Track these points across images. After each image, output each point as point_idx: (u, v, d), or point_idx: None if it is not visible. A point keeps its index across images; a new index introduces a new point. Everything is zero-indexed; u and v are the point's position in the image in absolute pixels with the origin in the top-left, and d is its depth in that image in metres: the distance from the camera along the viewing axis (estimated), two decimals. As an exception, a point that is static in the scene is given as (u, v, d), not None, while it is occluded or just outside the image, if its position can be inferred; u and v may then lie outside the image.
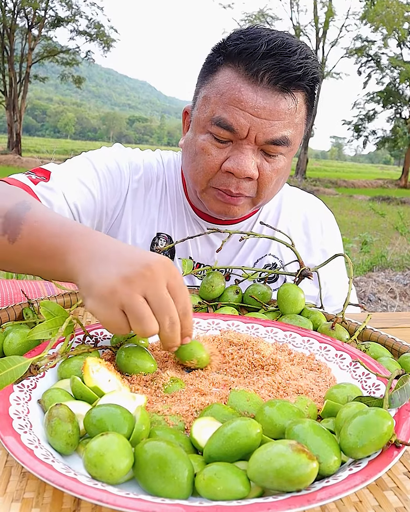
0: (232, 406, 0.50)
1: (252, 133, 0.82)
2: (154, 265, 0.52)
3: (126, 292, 0.50)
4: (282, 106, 0.82)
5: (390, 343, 0.72)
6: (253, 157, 0.84)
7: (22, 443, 0.42)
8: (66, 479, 0.38)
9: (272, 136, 0.83)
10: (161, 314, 0.52)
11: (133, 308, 0.50)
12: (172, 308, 0.53)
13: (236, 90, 0.82)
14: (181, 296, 0.54)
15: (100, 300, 0.51)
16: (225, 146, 0.85)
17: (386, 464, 0.41)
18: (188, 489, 0.39)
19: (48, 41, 23.21)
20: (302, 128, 0.89)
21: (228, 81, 0.83)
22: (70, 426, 0.44)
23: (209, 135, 0.86)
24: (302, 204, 1.11)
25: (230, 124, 0.82)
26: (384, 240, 6.93)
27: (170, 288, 0.53)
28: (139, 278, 0.51)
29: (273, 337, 0.70)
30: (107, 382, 0.53)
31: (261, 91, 0.81)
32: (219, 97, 0.83)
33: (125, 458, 0.39)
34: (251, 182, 0.87)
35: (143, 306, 0.51)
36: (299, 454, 0.37)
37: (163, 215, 1.03)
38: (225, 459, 0.41)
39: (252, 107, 0.81)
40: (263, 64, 0.79)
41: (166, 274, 0.53)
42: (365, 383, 0.57)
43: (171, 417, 0.49)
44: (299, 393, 0.55)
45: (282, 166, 0.88)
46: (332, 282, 1.06)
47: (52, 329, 0.56)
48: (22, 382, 0.52)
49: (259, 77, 0.80)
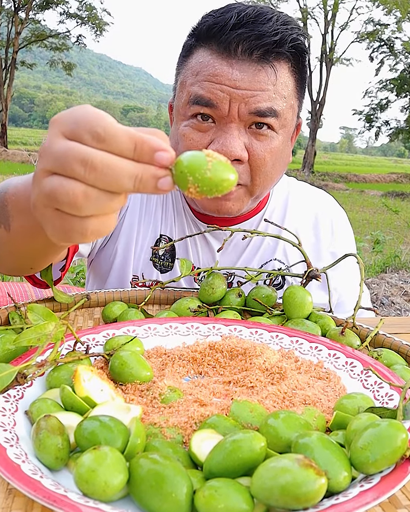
0: (234, 417, 0.50)
1: (234, 106, 0.81)
2: (47, 144, 0.43)
3: (35, 188, 0.45)
4: (262, 77, 0.81)
5: (404, 350, 0.72)
6: (239, 136, 0.82)
7: (8, 458, 0.42)
8: (56, 496, 0.38)
9: (256, 105, 0.81)
10: (67, 165, 0.41)
11: (45, 189, 0.43)
12: (75, 151, 0.41)
13: (210, 67, 0.82)
14: (81, 128, 0.42)
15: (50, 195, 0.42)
16: (207, 129, 0.84)
17: (400, 480, 0.41)
18: (187, 507, 0.39)
19: (36, 25, 23.25)
20: (293, 103, 0.88)
21: (201, 59, 0.83)
22: (59, 439, 0.44)
23: (190, 121, 0.85)
24: (312, 201, 1.10)
25: (208, 99, 0.81)
26: (398, 239, 6.94)
27: (71, 135, 0.42)
28: (38, 164, 0.44)
29: (278, 344, 0.70)
30: (99, 391, 0.53)
31: (236, 64, 0.81)
32: (193, 78, 0.84)
33: (119, 473, 0.39)
34: (242, 167, 0.85)
35: (50, 181, 0.42)
36: (306, 469, 0.37)
37: (165, 215, 1.03)
38: (227, 474, 0.41)
39: (229, 79, 0.80)
40: (234, 35, 0.79)
41: (54, 133, 0.43)
42: (377, 392, 0.57)
43: (168, 429, 0.49)
44: (306, 404, 0.55)
45: (275, 145, 0.86)
46: (344, 288, 1.06)
47: (40, 335, 0.56)
48: (8, 392, 0.52)
49: (232, 50, 0.80)
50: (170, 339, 0.71)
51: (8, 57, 22.28)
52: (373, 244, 5.70)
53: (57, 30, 24.40)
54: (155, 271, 1.03)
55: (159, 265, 1.03)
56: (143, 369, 0.58)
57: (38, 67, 33.14)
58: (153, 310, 0.87)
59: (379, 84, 26.92)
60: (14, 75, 22.60)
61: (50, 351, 0.59)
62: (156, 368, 0.63)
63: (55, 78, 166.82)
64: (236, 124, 0.82)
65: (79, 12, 23.54)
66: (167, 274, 1.03)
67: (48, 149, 0.43)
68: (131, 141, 0.41)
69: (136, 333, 0.70)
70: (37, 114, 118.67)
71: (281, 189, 1.08)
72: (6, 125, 21.87)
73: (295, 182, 1.12)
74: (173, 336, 0.71)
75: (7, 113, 22.10)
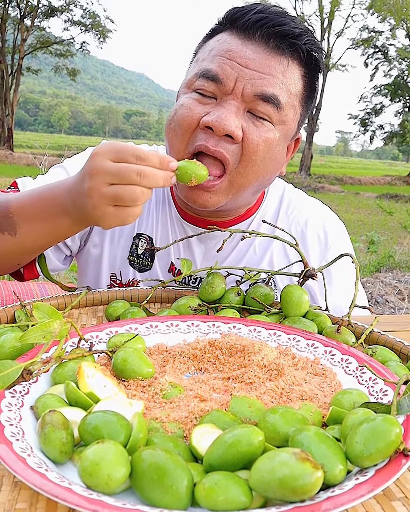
0: (233, 412, 0.50)
1: (239, 85, 0.80)
2: (90, 162, 0.69)
3: (96, 196, 0.67)
4: (273, 62, 0.81)
5: (398, 347, 0.72)
6: (237, 114, 0.80)
7: (14, 452, 0.42)
8: (60, 489, 0.38)
9: (262, 89, 0.80)
10: (127, 176, 0.66)
11: (110, 194, 0.67)
12: (130, 167, 0.66)
13: (225, 43, 0.83)
14: (126, 154, 0.67)
15: (94, 210, 0.69)
16: (208, 102, 0.82)
17: (394, 473, 0.41)
18: (188, 499, 0.39)
19: (41, 32, 23.24)
20: (296, 107, 0.86)
21: (220, 39, 0.84)
22: (64, 433, 0.44)
23: (193, 93, 0.84)
24: (303, 213, 1.03)
25: (215, 73, 0.80)
26: (392, 240, 6.93)
27: (116, 159, 0.67)
28: (93, 180, 0.67)
29: (276, 341, 0.70)
30: (103, 387, 0.53)
31: (251, 45, 0.82)
32: (207, 53, 0.84)
33: (122, 467, 0.39)
34: (234, 146, 0.81)
35: (113, 189, 0.67)
36: (303, 463, 0.37)
37: (146, 214, 1.01)
38: (226, 468, 0.41)
39: (241, 57, 0.80)
40: (254, 19, 0.82)
41: (101, 159, 0.67)
42: (372, 388, 0.57)
43: (169, 424, 0.49)
44: (303, 399, 0.55)
45: (271, 137, 0.83)
46: (342, 299, 0.97)
47: (45, 333, 0.56)
48: (14, 388, 0.52)
49: (251, 33, 0.82)
50: (171, 336, 0.71)
51: (14, 63, 22.28)
52: (368, 244, 5.70)
53: (62, 37, 24.41)
54: (132, 269, 1.01)
55: (137, 264, 1.01)
56: (145, 365, 0.58)
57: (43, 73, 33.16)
58: (155, 308, 0.87)
59: (374, 89, 26.93)
60: (20, 80, 22.59)
61: (55, 348, 0.59)
62: (157, 364, 0.63)
63: (60, 84, 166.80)
64: (237, 102, 0.81)
65: (83, 19, 23.54)
66: (146, 273, 1.01)
67: (101, 169, 0.67)
68: (158, 158, 0.68)
69: (138, 331, 0.70)
70: (42, 119, 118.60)
71: (276, 194, 1.05)
72: (12, 129, 21.86)
73: (290, 189, 1.07)
74: (174, 333, 0.71)
75: (13, 118, 22.10)
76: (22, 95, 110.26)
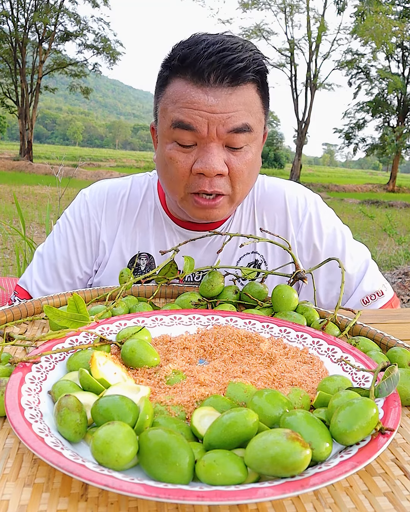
0: (230, 397, 0.50)
1: (212, 128, 0.81)
2: None
3: None
4: (234, 100, 0.81)
5: (378, 338, 0.72)
6: (218, 154, 0.82)
7: (34, 432, 0.42)
8: (75, 465, 0.38)
9: (232, 125, 0.81)
10: None
11: None
12: None
13: (187, 95, 0.81)
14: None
15: None
16: (190, 151, 0.84)
17: (375, 451, 0.41)
18: (189, 474, 0.39)
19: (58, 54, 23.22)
20: (261, 117, 0.87)
21: (178, 89, 0.82)
22: (78, 415, 0.44)
23: (174, 144, 0.84)
24: (280, 188, 1.05)
25: (189, 123, 0.81)
26: (373, 241, 6.93)
27: None
28: None
29: (269, 332, 0.70)
30: (113, 374, 0.53)
31: (210, 91, 0.80)
32: (173, 105, 0.83)
33: (130, 445, 0.39)
34: (223, 179, 0.85)
35: None
36: (293, 442, 0.37)
37: (143, 233, 1.03)
38: (224, 446, 0.41)
39: (206, 105, 0.80)
40: (206, 65, 0.79)
41: None
42: (355, 375, 0.57)
43: (173, 407, 0.49)
44: (293, 385, 0.55)
45: (250, 158, 0.86)
46: (355, 273, 1.01)
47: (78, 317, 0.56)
48: (33, 375, 0.52)
49: (205, 78, 0.80)
50: (175, 328, 0.71)
51: (33, 83, 22.27)
52: (352, 245, 5.67)
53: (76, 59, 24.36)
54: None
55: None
56: (151, 355, 0.58)
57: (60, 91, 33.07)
58: (160, 303, 0.87)
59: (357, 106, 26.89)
60: (38, 98, 22.58)
61: (70, 339, 0.59)
62: (162, 354, 0.63)
63: (74, 101, 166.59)
64: (215, 143, 0.82)
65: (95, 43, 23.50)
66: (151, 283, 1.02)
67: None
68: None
69: (145, 323, 0.70)
70: (58, 132, 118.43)
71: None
72: (31, 142, 21.86)
73: (264, 176, 1.08)
74: (177, 325, 0.71)
75: (32, 131, 22.09)
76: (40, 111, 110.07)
